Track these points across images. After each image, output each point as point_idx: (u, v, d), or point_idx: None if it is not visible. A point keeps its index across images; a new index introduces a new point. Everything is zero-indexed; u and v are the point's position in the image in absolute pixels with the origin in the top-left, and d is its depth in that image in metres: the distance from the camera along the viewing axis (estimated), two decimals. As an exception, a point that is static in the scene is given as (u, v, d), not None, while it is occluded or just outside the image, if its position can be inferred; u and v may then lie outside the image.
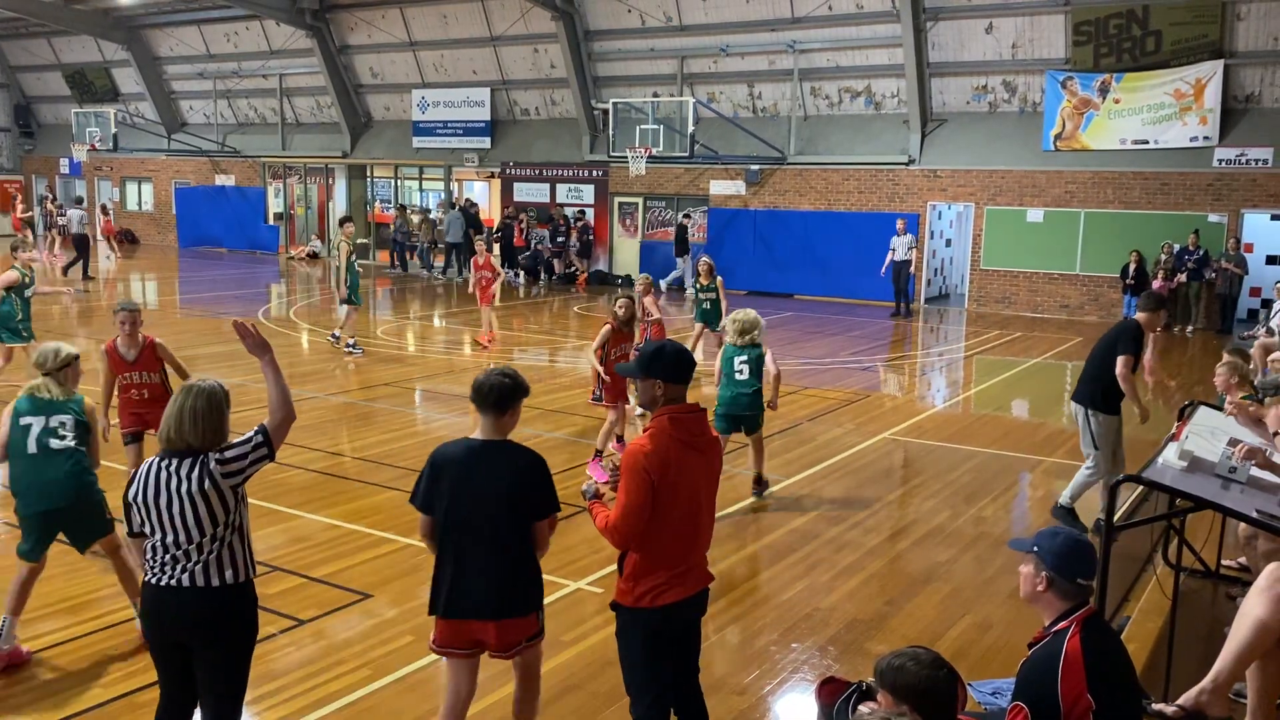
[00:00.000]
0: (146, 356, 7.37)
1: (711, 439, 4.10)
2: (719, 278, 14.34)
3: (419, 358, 15.44)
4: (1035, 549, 3.54)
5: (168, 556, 3.87)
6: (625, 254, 26.92)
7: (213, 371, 13.17)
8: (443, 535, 4.18)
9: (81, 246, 24.79)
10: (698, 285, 14.31)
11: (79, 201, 31.18)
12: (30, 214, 35.92)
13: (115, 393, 7.44)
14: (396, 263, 28.89)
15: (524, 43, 26.86)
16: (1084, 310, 21.37)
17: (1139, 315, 7.94)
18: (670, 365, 4.01)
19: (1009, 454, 10.13)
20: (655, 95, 24.36)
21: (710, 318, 14.13)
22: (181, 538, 3.86)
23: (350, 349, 15.09)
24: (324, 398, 12.11)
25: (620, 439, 9.30)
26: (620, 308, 9.36)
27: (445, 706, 4.38)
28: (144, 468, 3.97)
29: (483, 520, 4.08)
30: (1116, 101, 20.37)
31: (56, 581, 6.40)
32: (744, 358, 8.37)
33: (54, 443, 5.49)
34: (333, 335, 15.81)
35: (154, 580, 3.89)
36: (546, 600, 4.48)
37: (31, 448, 5.46)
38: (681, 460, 3.94)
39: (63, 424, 5.54)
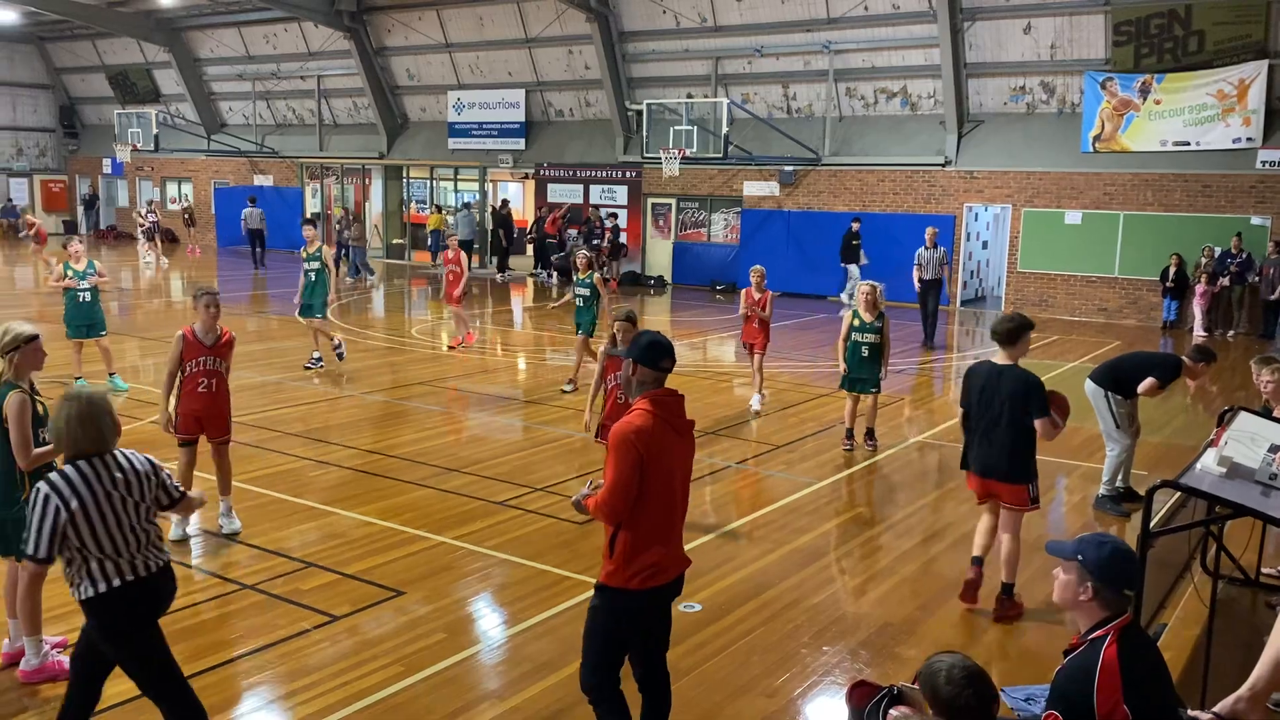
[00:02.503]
0: (223, 346, 7.35)
1: (689, 422, 4.29)
2: (596, 273, 13.15)
3: (451, 357, 15.52)
4: (1080, 558, 3.48)
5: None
6: (658, 255, 26.93)
7: (249, 369, 13.35)
8: (974, 421, 6.33)
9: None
10: (576, 279, 13.02)
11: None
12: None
13: (177, 387, 7.32)
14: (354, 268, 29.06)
15: (559, 44, 26.95)
16: (1123, 314, 21.10)
17: (1186, 359, 8.29)
18: (644, 349, 4.20)
19: (1045, 459, 9.96)
20: (689, 96, 24.36)
21: (584, 317, 12.71)
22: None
23: (327, 360, 13.72)
24: (359, 396, 12.21)
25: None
26: (619, 330, 7.81)
27: (979, 524, 6.53)
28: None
29: (994, 412, 6.17)
30: (1157, 103, 20.09)
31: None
32: (879, 324, 9.73)
33: None
34: (338, 350, 13.88)
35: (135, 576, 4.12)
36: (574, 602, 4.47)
37: None
38: (664, 440, 4.11)
39: None
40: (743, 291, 11.81)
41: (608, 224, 26.34)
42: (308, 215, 28.07)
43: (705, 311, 21.64)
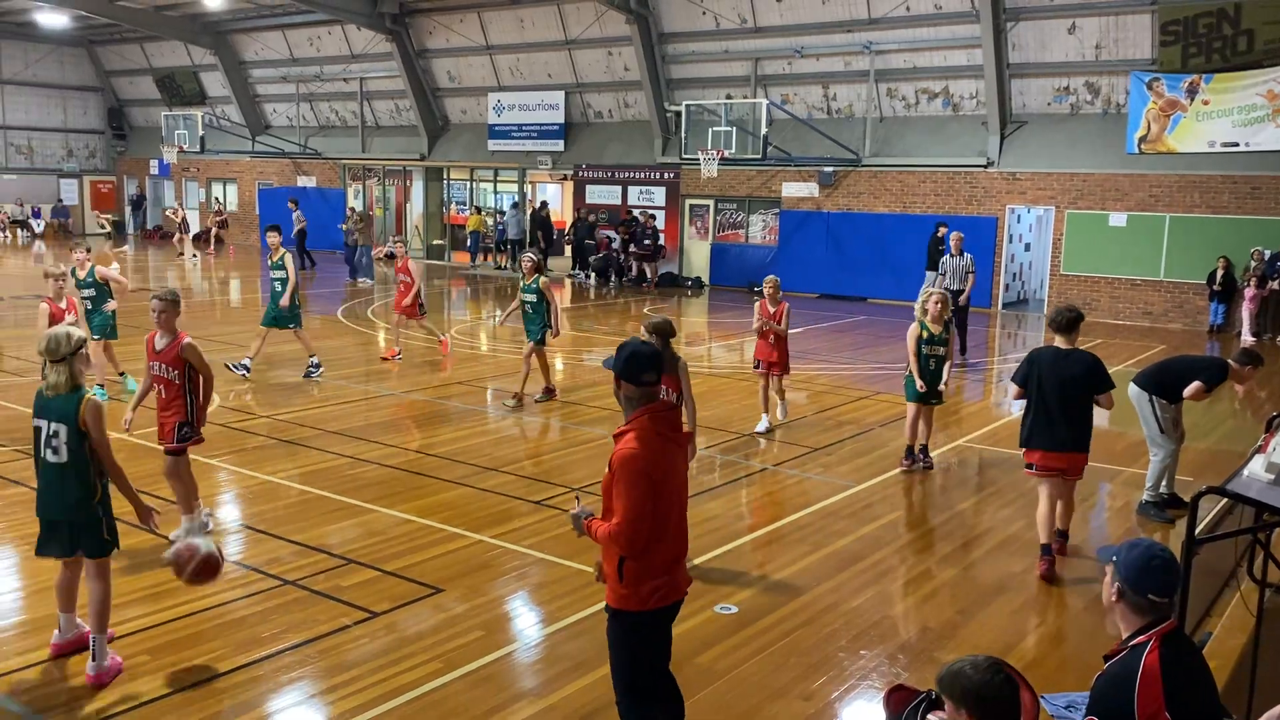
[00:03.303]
0: (170, 352, 6.89)
1: (686, 434, 4.20)
2: (544, 276, 12.07)
3: (490, 356, 15.61)
4: (1114, 558, 3.44)
5: None
6: (696, 256, 26.91)
7: (290, 368, 13.51)
8: (1037, 401, 6.97)
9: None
10: (522, 285, 12.02)
11: (294, 203, 32.34)
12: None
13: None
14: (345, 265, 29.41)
15: (598, 46, 27.02)
16: (1168, 317, 20.77)
17: (1233, 362, 8.17)
18: (624, 363, 4.00)
19: (1087, 464, 9.88)
20: (728, 97, 24.33)
21: (532, 324, 11.76)
22: None
23: (316, 369, 13.19)
24: (400, 395, 12.31)
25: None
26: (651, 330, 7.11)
27: (1039, 513, 7.08)
28: None
29: (1062, 392, 6.88)
30: (1205, 103, 19.74)
31: (142, 569, 6.62)
32: (946, 335, 9.33)
33: (50, 456, 5.19)
34: (312, 365, 13.25)
35: None
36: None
37: (41, 451, 5.23)
38: (668, 457, 4.01)
39: (56, 433, 5.16)
40: (756, 304, 10.69)
41: (644, 225, 26.36)
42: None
43: (743, 313, 21.56)
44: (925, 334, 9.28)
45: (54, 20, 33.93)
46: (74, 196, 40.53)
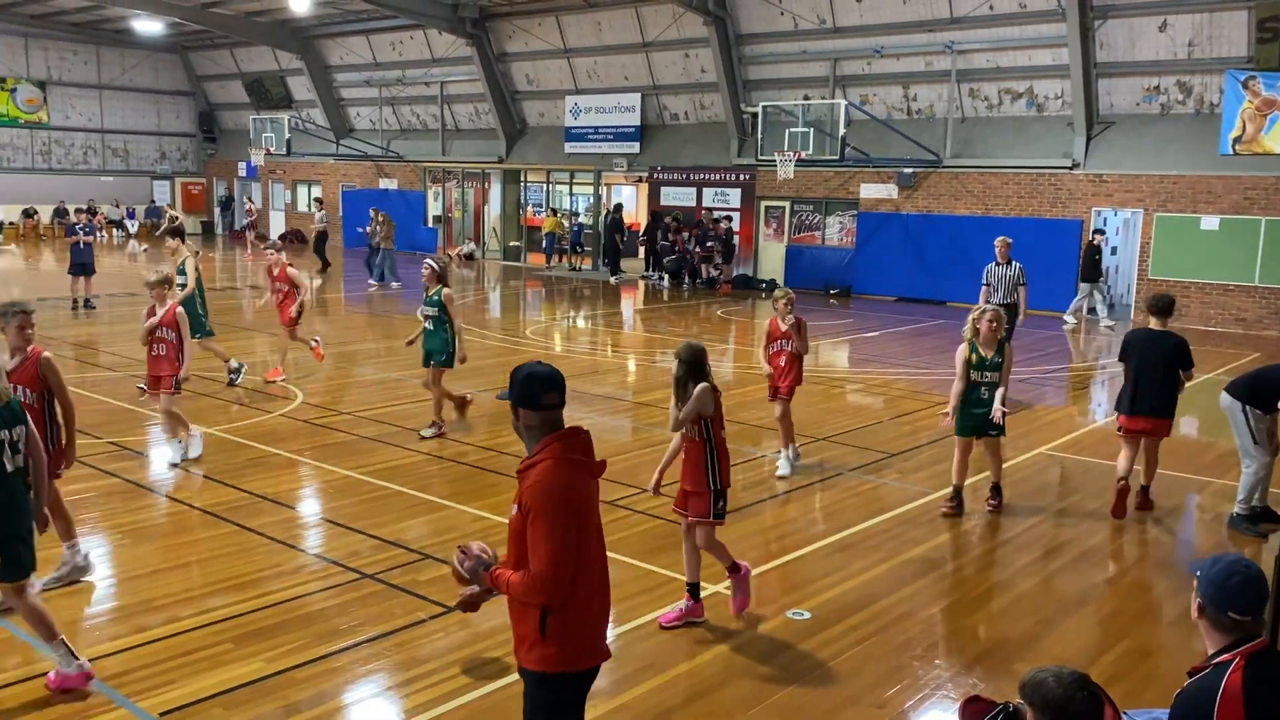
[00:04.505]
0: (25, 369, 6.02)
1: (600, 462, 3.61)
2: (446, 289, 10.15)
3: (564, 357, 15.72)
4: (1198, 572, 3.33)
5: None
6: (771, 258, 26.76)
7: (369, 366, 13.78)
8: (1132, 373, 8.15)
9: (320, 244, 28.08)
10: (425, 296, 10.35)
11: (319, 203, 33.16)
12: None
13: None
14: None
15: (675, 48, 27.05)
16: (1262, 324, 20.04)
17: None
18: (519, 386, 3.51)
19: (1175, 474, 9.58)
20: (806, 98, 24.15)
21: (432, 343, 10.11)
22: None
23: (236, 374, 12.35)
24: (476, 394, 12.47)
25: None
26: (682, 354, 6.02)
27: (1118, 461, 8.21)
28: None
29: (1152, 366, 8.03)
30: (1305, 101, 19.02)
31: (225, 560, 6.81)
32: (1000, 359, 8.08)
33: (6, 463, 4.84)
34: (232, 373, 12.37)
35: None
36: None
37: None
38: (585, 487, 3.50)
39: (18, 436, 4.89)
40: (769, 322, 9.53)
41: (720, 226, 26.30)
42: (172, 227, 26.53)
43: (818, 316, 21.38)
44: (975, 357, 8.13)
45: (150, 27, 35.14)
46: (166, 197, 41.90)
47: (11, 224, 37.44)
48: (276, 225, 40.11)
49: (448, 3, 29.02)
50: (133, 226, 39.69)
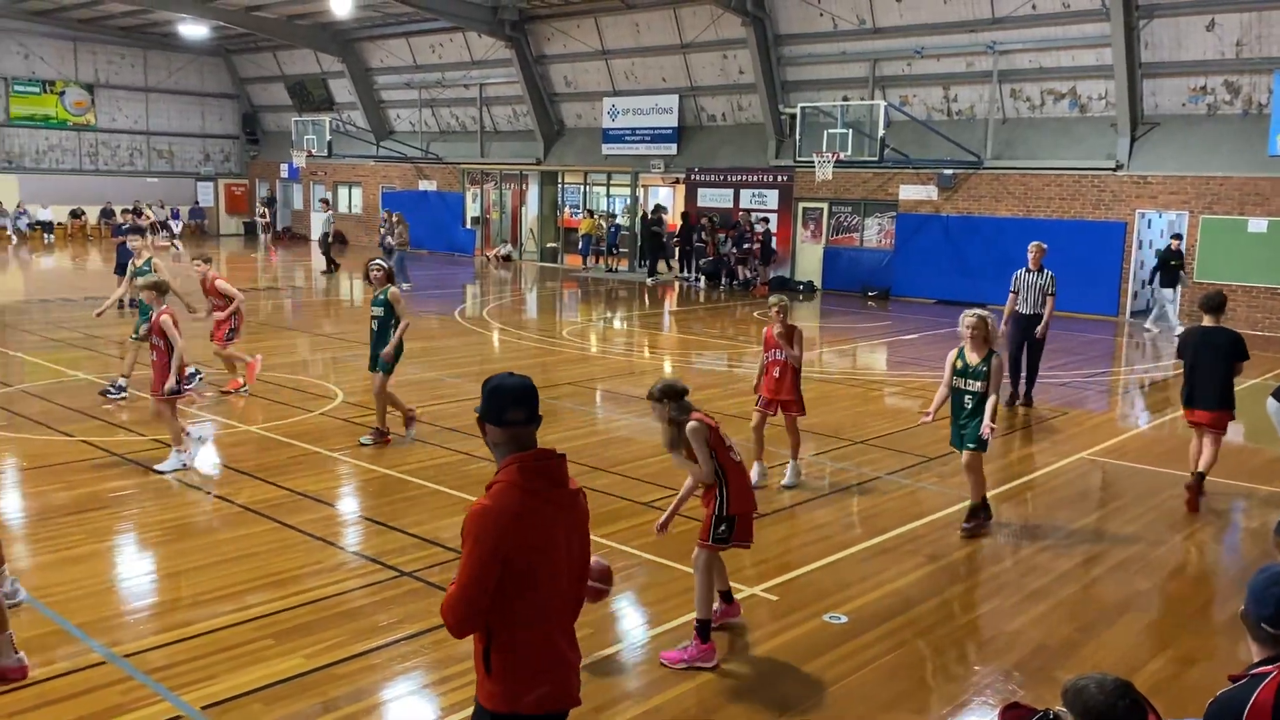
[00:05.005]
0: None
1: (570, 492, 3.29)
2: (394, 288, 9.76)
3: (601, 358, 15.75)
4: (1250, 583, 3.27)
5: None
6: (808, 260, 26.64)
7: (409, 367, 13.87)
8: (1189, 369, 8.67)
9: (323, 245, 27.68)
10: (373, 298, 9.87)
11: (325, 203, 33.51)
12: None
13: None
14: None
15: (713, 49, 27.01)
16: (1312, 328, 19.65)
17: None
18: (485, 400, 3.22)
19: (1222, 480, 9.42)
20: (845, 99, 24.02)
21: (378, 348, 9.67)
22: None
23: (117, 390, 11.53)
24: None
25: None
26: (655, 410, 5.89)
27: (1190, 450, 8.80)
28: None
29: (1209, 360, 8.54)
30: (1358, 101, 18.62)
31: (266, 557, 6.90)
32: (985, 367, 7.51)
33: None
34: (116, 388, 11.58)
35: None
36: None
37: None
38: (540, 520, 3.15)
39: None
40: (764, 331, 8.89)
41: (758, 228, 26.23)
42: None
43: (856, 318, 21.27)
44: (960, 363, 7.63)
45: (195, 31, 35.67)
46: (210, 199, 42.52)
47: (60, 224, 38.17)
48: (317, 226, 40.56)
49: (487, 5, 29.19)
50: (177, 227, 40.28)
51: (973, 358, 7.56)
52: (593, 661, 5.56)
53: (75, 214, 38.68)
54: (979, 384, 7.52)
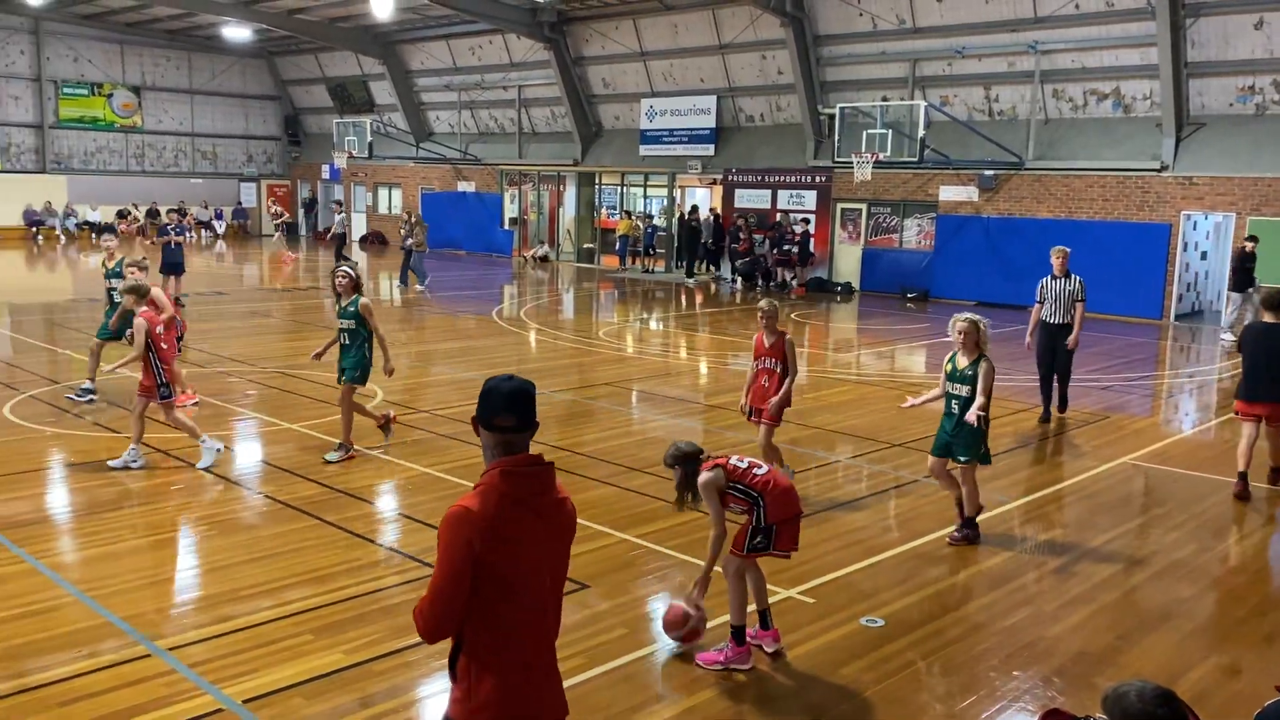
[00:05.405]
0: None
1: (556, 500, 3.20)
2: (364, 299, 9.22)
3: (637, 359, 15.76)
4: None
5: None
6: (846, 261, 26.49)
7: (446, 366, 13.98)
8: (1248, 363, 8.90)
9: (339, 245, 27.41)
10: (338, 309, 9.48)
11: (338, 205, 33.74)
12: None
13: None
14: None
15: (752, 49, 26.95)
16: (1364, 333, 19.20)
17: None
18: (479, 402, 3.14)
19: (1268, 487, 9.26)
20: (884, 99, 23.87)
21: (346, 359, 9.21)
22: None
23: (85, 394, 11.28)
24: (549, 394, 12.57)
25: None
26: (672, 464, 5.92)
27: (1239, 447, 8.95)
28: None
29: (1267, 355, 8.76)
30: None
31: (307, 553, 6.98)
32: (973, 371, 7.35)
33: None
34: (84, 392, 11.33)
35: None
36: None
37: None
38: (518, 528, 3.06)
39: None
40: (755, 339, 8.61)
41: (796, 229, 26.13)
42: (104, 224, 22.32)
43: (894, 320, 21.13)
44: (950, 367, 7.52)
45: (238, 34, 36.19)
46: (252, 199, 43.08)
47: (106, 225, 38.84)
48: (358, 227, 40.98)
49: (526, 7, 29.32)
50: (220, 227, 40.85)
51: (962, 361, 7.46)
52: (627, 662, 5.58)
53: (122, 214, 39.31)
54: (966, 388, 7.38)
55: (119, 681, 5.14)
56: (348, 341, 9.25)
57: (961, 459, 7.48)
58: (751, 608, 5.76)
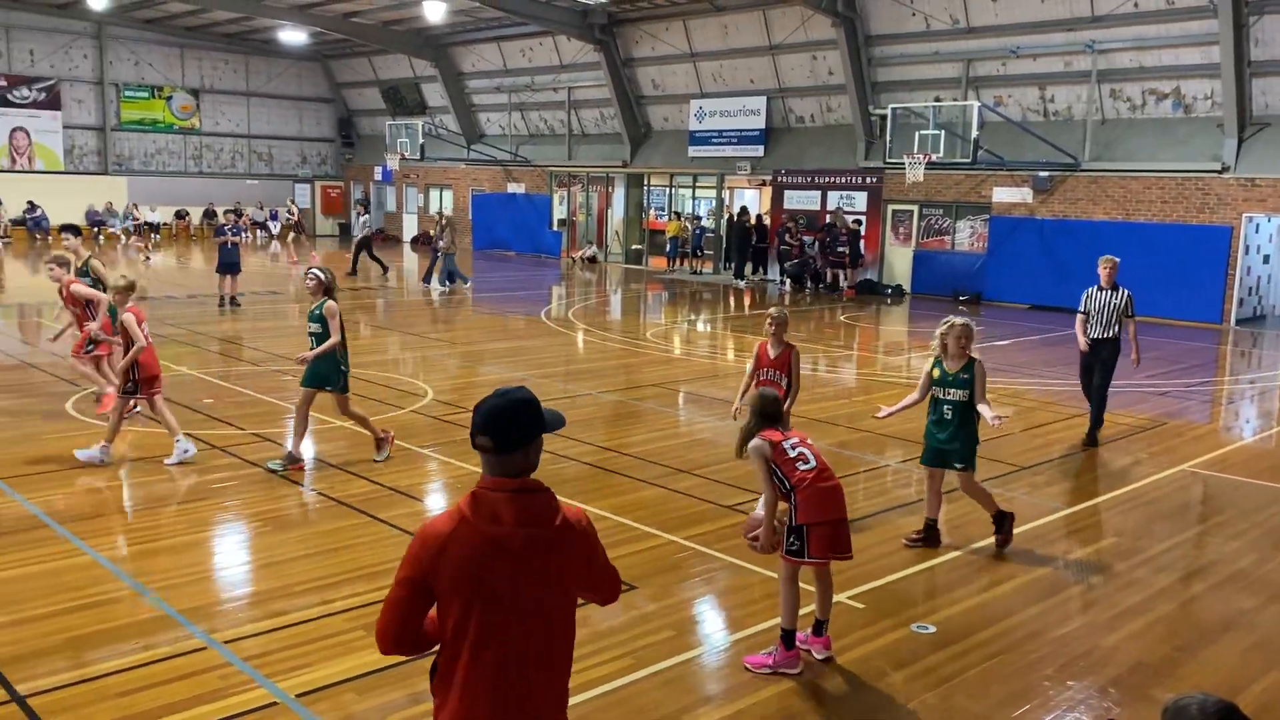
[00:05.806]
0: None
1: (545, 536, 2.92)
2: (330, 302, 8.91)
3: (684, 360, 15.74)
4: None
5: None
6: (897, 263, 26.25)
7: (495, 366, 14.07)
8: None
9: (360, 248, 27.32)
10: (310, 312, 9.11)
11: (364, 206, 33.75)
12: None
13: None
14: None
15: (802, 50, 26.80)
16: None
17: None
18: (474, 420, 2.91)
19: (1332, 496, 9.03)
20: (937, 99, 23.61)
21: (319, 367, 8.93)
22: None
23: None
24: (597, 395, 12.61)
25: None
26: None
27: None
28: None
29: None
30: None
31: (359, 550, 7.06)
32: (966, 375, 7.17)
33: None
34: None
35: None
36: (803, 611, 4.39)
37: None
38: (482, 564, 2.76)
39: None
40: (757, 346, 8.20)
41: (851, 224, 25.89)
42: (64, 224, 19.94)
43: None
44: (938, 372, 7.26)
45: (294, 37, 36.77)
46: (306, 200, 43.72)
47: (165, 225, 39.65)
48: (409, 228, 41.41)
49: (577, 9, 29.44)
50: (275, 228, 41.50)
51: (951, 366, 7.23)
52: (674, 664, 5.57)
53: (180, 214, 40.14)
54: (960, 393, 7.15)
55: (176, 674, 5.24)
56: (315, 345, 9.02)
57: (959, 466, 7.30)
58: (808, 610, 5.71)
